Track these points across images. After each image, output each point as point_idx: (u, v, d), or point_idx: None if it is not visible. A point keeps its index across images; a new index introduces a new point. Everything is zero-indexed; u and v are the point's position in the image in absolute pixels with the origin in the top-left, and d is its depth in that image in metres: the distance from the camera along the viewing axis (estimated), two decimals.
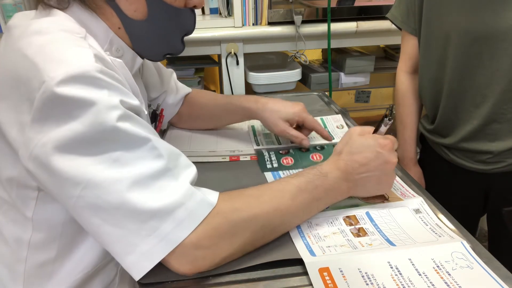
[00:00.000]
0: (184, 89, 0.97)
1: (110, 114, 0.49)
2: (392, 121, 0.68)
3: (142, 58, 0.70)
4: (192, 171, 0.56)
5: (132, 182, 0.49)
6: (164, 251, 0.50)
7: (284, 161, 0.85)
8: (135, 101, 0.54)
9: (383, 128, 0.68)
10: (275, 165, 0.83)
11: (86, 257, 0.63)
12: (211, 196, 0.54)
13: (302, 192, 0.60)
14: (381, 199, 0.70)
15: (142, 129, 0.52)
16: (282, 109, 0.83)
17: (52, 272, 0.62)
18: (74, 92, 0.47)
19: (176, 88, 0.95)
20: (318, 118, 1.01)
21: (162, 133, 0.98)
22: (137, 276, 0.51)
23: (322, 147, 0.87)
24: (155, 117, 0.86)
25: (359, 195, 0.68)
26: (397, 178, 0.75)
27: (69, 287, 0.63)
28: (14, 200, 0.58)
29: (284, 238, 0.61)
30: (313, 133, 0.91)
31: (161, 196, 0.50)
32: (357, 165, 0.63)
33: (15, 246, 0.61)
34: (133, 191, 0.49)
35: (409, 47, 1.06)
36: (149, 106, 0.87)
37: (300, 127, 0.90)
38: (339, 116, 1.03)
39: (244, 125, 1.01)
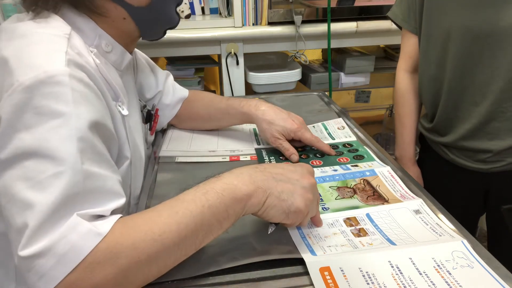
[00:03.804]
0: (182, 92, 0.97)
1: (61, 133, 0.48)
2: None
3: (131, 53, 0.74)
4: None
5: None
6: None
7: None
8: (99, 112, 0.54)
9: None
10: None
11: None
12: (104, 225, 0.48)
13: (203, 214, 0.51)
14: (381, 201, 0.70)
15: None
16: (281, 123, 0.85)
17: None
18: (37, 101, 0.48)
19: (172, 89, 0.95)
20: (319, 124, 1.01)
21: (162, 133, 0.99)
22: None
23: (322, 154, 0.87)
24: (150, 117, 0.87)
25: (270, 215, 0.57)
26: (397, 179, 0.75)
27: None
28: None
29: (285, 238, 0.61)
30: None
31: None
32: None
33: (3, 241, 0.60)
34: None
35: (409, 46, 1.06)
36: (144, 106, 0.88)
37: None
38: (340, 119, 1.03)
39: (246, 125, 1.01)
